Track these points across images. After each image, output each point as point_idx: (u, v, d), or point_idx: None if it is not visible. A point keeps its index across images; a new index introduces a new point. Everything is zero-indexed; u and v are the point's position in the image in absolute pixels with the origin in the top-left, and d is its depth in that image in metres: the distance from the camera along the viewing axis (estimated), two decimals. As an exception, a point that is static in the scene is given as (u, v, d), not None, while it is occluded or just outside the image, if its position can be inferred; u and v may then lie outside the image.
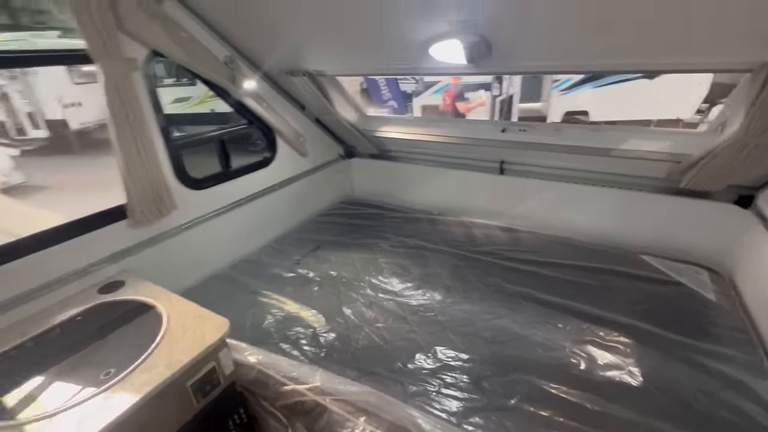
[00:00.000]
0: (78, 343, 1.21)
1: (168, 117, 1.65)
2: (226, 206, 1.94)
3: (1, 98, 7.61)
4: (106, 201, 1.53)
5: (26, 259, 1.32)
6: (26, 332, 1.23)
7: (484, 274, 1.83)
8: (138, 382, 1.04)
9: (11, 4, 11.40)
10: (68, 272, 1.42)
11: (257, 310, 1.65)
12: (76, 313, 1.32)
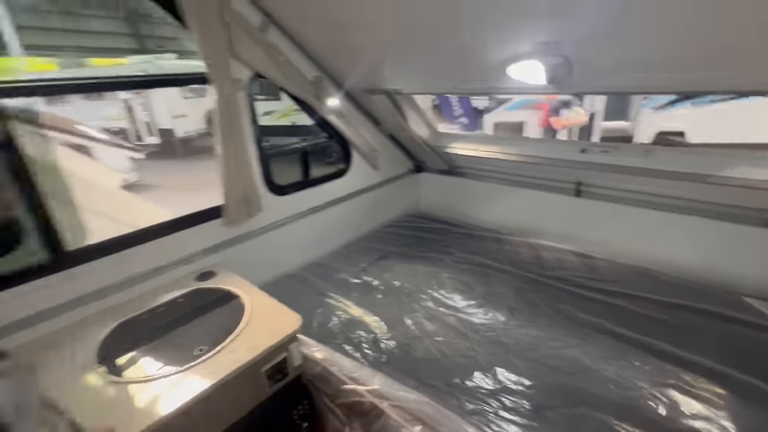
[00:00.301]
0: (178, 320, 1.41)
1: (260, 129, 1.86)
2: (303, 212, 2.11)
3: (128, 110, 9.06)
4: (201, 200, 1.77)
5: (145, 245, 1.58)
6: (141, 307, 1.46)
7: (553, 299, 1.75)
8: (224, 360, 1.18)
9: (140, 32, 13.60)
10: (174, 260, 1.66)
11: (324, 310, 1.76)
12: (179, 295, 1.54)
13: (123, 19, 13.02)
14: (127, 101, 9.12)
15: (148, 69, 8.01)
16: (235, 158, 1.68)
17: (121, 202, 2.20)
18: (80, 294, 1.41)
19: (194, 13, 1.42)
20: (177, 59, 10.44)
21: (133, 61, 9.28)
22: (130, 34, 13.37)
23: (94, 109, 9.19)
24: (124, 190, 2.50)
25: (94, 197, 1.99)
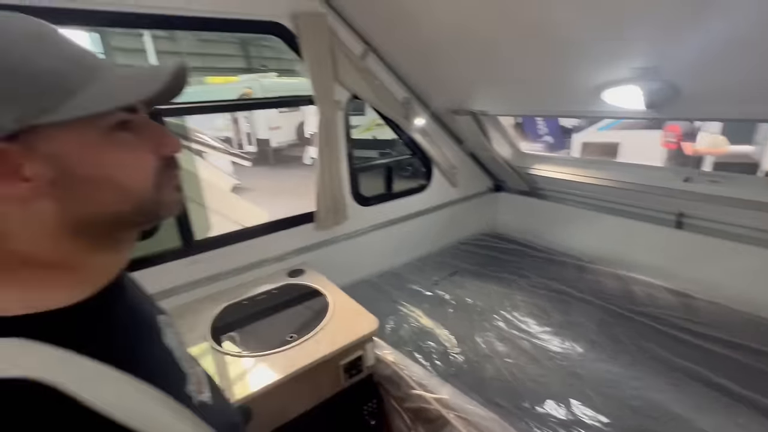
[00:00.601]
0: (273, 309, 1.62)
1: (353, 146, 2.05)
2: (383, 223, 2.26)
3: (234, 122, 10.35)
4: (288, 203, 1.99)
5: (249, 242, 1.84)
6: (244, 293, 1.70)
7: (639, 336, 1.62)
8: (310, 348, 1.33)
9: (249, 54, 15.47)
10: (271, 257, 1.90)
11: (396, 318, 1.85)
12: (273, 287, 1.76)
13: (237, 43, 14.96)
14: (234, 114, 10.41)
15: (254, 86, 9.10)
16: (329, 170, 1.88)
17: (230, 203, 2.57)
18: (201, 277, 1.69)
19: (310, 46, 1.66)
20: (277, 77, 11.69)
21: (243, 79, 10.61)
22: (241, 55, 15.32)
23: (207, 119, 10.65)
24: (232, 192, 2.91)
25: (213, 197, 2.37)
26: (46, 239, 0.41)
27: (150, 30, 1.61)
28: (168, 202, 0.48)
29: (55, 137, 0.38)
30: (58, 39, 0.40)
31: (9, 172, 0.37)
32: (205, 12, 1.47)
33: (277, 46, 15.41)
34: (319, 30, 1.67)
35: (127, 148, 0.43)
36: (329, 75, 1.76)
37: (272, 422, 1.27)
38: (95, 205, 0.42)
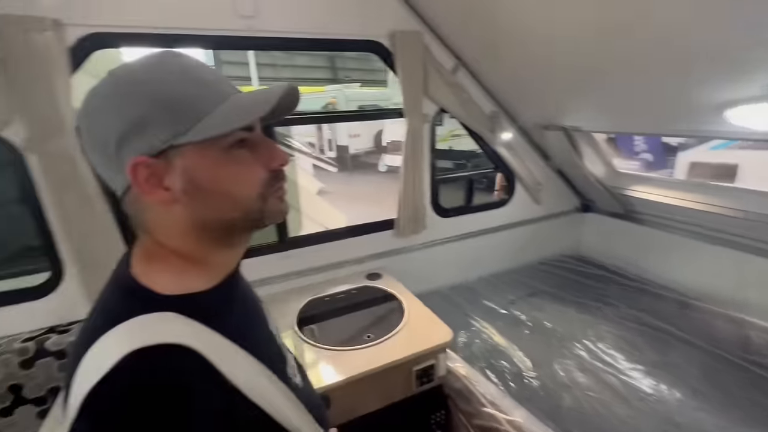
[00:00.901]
0: (351, 307, 1.72)
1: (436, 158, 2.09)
2: (460, 235, 2.25)
3: (318, 128, 11.07)
4: (366, 210, 2.07)
5: (332, 243, 1.97)
6: (325, 290, 1.83)
7: (754, 389, 1.41)
8: (386, 349, 1.39)
9: (335, 65, 16.45)
10: (351, 258, 2.02)
11: (469, 332, 1.84)
12: (352, 288, 1.86)
13: (324, 55, 16.01)
14: (318, 121, 11.12)
15: (338, 96, 9.67)
16: (413, 180, 1.94)
17: (315, 205, 2.77)
18: (290, 271, 1.86)
19: (404, 62, 1.75)
20: (359, 88, 12.26)
21: (328, 89, 11.32)
22: (328, 66, 16.37)
23: (294, 126, 11.53)
24: (317, 195, 3.14)
25: (303, 199, 2.58)
26: (179, 236, 0.49)
27: (264, 50, 1.84)
28: (272, 212, 0.53)
29: (186, 154, 0.46)
30: (198, 71, 0.47)
31: (155, 183, 0.46)
32: (314, 34, 1.64)
33: (361, 57, 16.22)
34: (414, 47, 1.75)
35: (241, 163, 0.49)
36: (419, 89, 1.83)
37: (344, 415, 1.35)
38: (213, 212, 0.49)
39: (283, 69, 15.12)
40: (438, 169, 2.12)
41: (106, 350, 0.40)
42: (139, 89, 0.44)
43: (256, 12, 1.50)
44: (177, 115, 0.44)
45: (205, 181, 0.47)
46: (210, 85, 0.47)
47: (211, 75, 0.48)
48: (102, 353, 0.40)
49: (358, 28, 1.71)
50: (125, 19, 1.35)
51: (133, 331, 0.42)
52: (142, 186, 0.45)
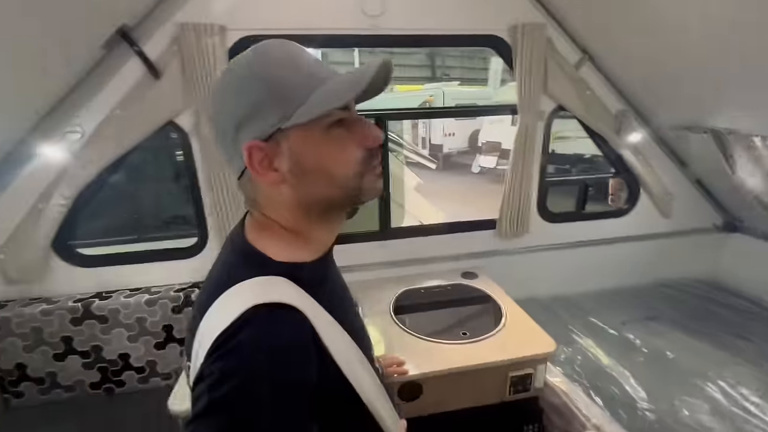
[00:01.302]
0: (446, 303, 1.72)
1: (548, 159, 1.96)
2: (567, 243, 2.09)
3: (413, 126, 11.21)
4: (456, 209, 2.02)
5: (429, 237, 1.99)
6: (420, 283, 1.86)
7: None
8: (483, 349, 1.36)
9: (434, 63, 16.42)
10: (446, 255, 2.01)
11: (571, 348, 1.70)
12: (447, 284, 1.86)
13: (424, 53, 16.09)
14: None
15: (436, 94, 9.65)
16: (519, 180, 1.86)
17: (413, 199, 2.83)
18: (388, 260, 1.94)
19: (523, 56, 1.67)
20: (458, 86, 12.06)
21: (426, 87, 11.37)
22: (427, 65, 16.43)
23: (392, 123, 11.82)
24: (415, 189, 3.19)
25: (400, 192, 2.66)
26: (286, 212, 0.53)
27: (386, 48, 1.92)
28: (368, 189, 0.54)
29: (291, 137, 0.49)
30: (302, 58, 0.50)
31: (267, 165, 0.50)
32: (435, 30, 1.67)
33: (462, 55, 15.92)
34: (536, 40, 1.67)
35: (339, 142, 0.50)
36: (538, 85, 1.73)
37: (435, 406, 1.36)
38: (315, 190, 0.52)
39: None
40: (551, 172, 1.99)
41: (230, 304, 0.45)
42: (251, 79, 0.47)
43: (383, 11, 1.59)
44: (283, 100, 0.47)
45: (308, 161, 0.50)
46: (311, 70, 0.49)
47: (312, 61, 0.50)
48: (226, 307, 0.45)
49: (477, 23, 1.69)
50: (272, 23, 1.55)
51: (253, 288, 0.47)
52: (255, 167, 0.49)
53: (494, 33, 1.71)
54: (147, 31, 1.47)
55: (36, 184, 1.51)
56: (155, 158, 2.86)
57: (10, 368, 1.59)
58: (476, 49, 14.79)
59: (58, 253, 1.64)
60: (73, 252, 1.68)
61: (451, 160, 11.11)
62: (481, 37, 1.71)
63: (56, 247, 1.63)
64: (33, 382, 1.63)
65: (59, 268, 1.66)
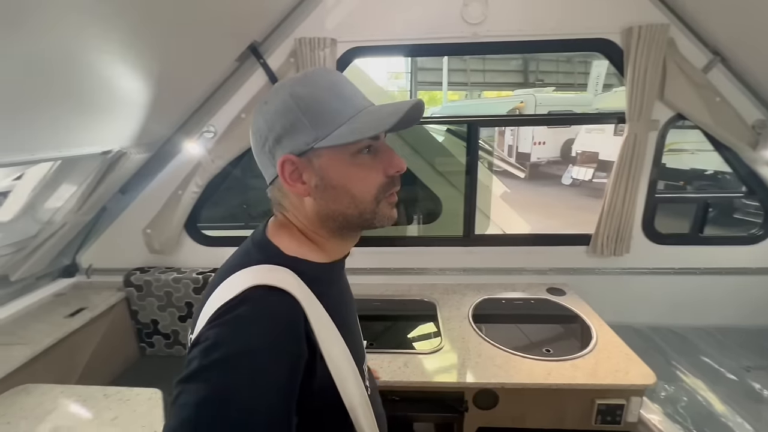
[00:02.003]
0: (528, 317, 1.66)
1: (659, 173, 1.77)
2: (677, 269, 1.85)
3: (500, 134, 10.82)
4: (540, 222, 1.89)
5: (513, 248, 1.92)
6: (500, 292, 1.82)
7: None
8: (567, 369, 1.29)
9: (527, 68, 15.62)
10: (532, 267, 1.93)
11: (674, 387, 1.51)
12: (530, 297, 1.79)
13: (517, 59, 15.38)
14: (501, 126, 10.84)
15: (528, 100, 9.19)
16: (623, 195, 1.71)
17: (497, 208, 2.76)
18: (470, 266, 1.93)
19: (638, 59, 1.54)
20: (553, 92, 11.31)
21: (517, 93, 10.89)
22: (519, 71, 15.69)
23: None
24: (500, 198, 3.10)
25: (485, 199, 2.61)
26: (306, 220, 0.59)
27: (488, 54, 1.89)
28: (382, 215, 0.58)
29: (322, 156, 0.54)
30: (343, 86, 0.55)
31: (296, 177, 0.55)
32: (538, 36, 1.63)
33: (560, 60, 14.90)
34: (655, 42, 1.52)
35: (364, 167, 0.55)
36: (653, 91, 1.58)
37: (512, 420, 1.32)
38: (335, 206, 0.56)
39: (472, 74, 15.36)
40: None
41: (234, 284, 0.50)
42: (295, 101, 0.53)
43: (484, 18, 1.60)
44: (320, 123, 0.52)
45: (333, 179, 0.55)
46: (349, 99, 0.54)
47: (351, 90, 0.56)
48: (231, 285, 0.50)
49: (585, 27, 1.60)
50: (377, 35, 1.66)
51: (256, 273, 0.51)
52: (286, 178, 0.55)
53: (604, 36, 1.60)
54: (271, 46, 1.70)
55: (178, 173, 1.84)
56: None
57: (147, 322, 1.95)
58: (575, 53, 13.77)
59: (188, 233, 1.97)
60: (199, 233, 2.00)
61: (539, 169, 10.47)
62: (589, 41, 1.62)
63: (187, 227, 1.95)
64: (162, 336, 1.97)
65: (188, 244, 1.98)
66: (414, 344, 1.52)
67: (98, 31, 1.06)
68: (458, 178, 2.31)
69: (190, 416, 0.39)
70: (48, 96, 1.12)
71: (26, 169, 1.72)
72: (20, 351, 1.38)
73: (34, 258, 1.65)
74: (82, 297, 1.84)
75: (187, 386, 0.41)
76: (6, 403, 1.22)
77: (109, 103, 1.34)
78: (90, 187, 1.63)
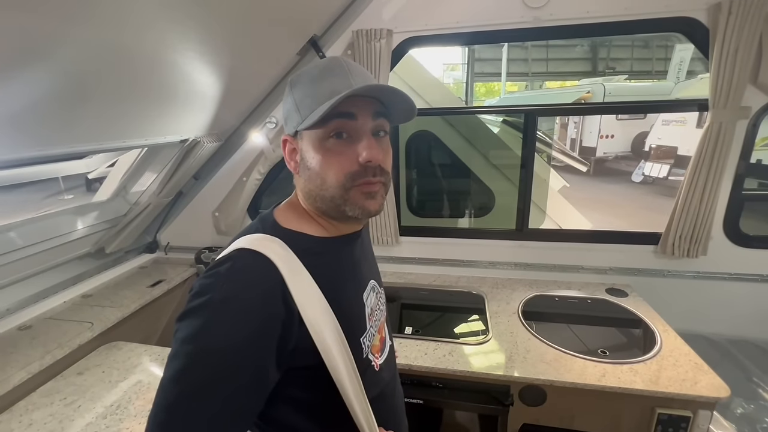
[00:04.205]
0: (583, 317, 1.58)
1: (749, 166, 1.57)
2: (763, 275, 1.64)
3: (563, 127, 10.18)
4: (603, 221, 1.75)
5: (569, 244, 1.82)
6: (554, 290, 1.74)
7: None
8: (624, 374, 1.21)
9: (596, 56, 14.43)
10: (590, 266, 1.82)
11: (753, 405, 1.35)
12: (587, 297, 1.69)
13: (585, 45, 14.25)
14: (564, 118, 10.20)
15: (595, 90, 8.52)
16: (701, 190, 1.55)
17: (556, 202, 2.62)
18: (522, 261, 1.87)
19: (727, 39, 1.38)
20: (625, 80, 10.36)
21: (583, 83, 10.13)
22: (587, 58, 14.53)
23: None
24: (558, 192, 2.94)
25: (542, 193, 2.50)
26: (302, 196, 0.64)
27: (554, 39, 1.78)
28: (354, 204, 0.59)
29: (303, 138, 0.60)
30: (331, 73, 0.57)
31: (291, 156, 0.63)
32: (606, 17, 1.51)
33: (636, 45, 13.57)
34: (750, 17, 1.34)
35: (333, 153, 0.57)
36: (744, 74, 1.40)
37: (560, 420, 1.28)
38: (311, 187, 0.60)
39: (534, 63, 14.52)
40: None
41: (229, 247, 0.58)
42: (291, 88, 0.60)
43: (547, 2, 1.52)
44: (302, 108, 0.58)
45: (307, 160, 0.60)
46: (332, 85, 0.56)
47: (341, 76, 0.57)
48: (226, 248, 0.58)
49: (665, 4, 1.46)
50: (434, 23, 1.65)
51: (247, 240, 0.57)
52: (286, 156, 0.64)
53: (687, 14, 1.45)
54: (330, 39, 1.76)
55: (243, 161, 1.99)
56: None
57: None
58: (654, 36, 12.46)
59: (250, 216, 2.12)
60: (260, 216, 2.15)
61: (605, 165, 9.71)
62: (668, 20, 1.47)
63: (250, 211, 2.11)
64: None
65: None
66: (460, 335, 1.52)
67: (176, 30, 1.18)
68: (513, 172, 2.24)
69: (176, 350, 0.49)
70: (135, 90, 1.27)
71: (118, 157, 1.97)
72: (112, 313, 1.60)
73: (123, 234, 1.89)
74: (161, 270, 2.07)
75: (179, 324, 0.51)
76: (102, 354, 1.43)
77: (186, 96, 1.49)
78: (169, 172, 1.82)
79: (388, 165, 0.61)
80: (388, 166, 0.61)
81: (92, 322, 1.51)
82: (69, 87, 1.07)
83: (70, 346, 1.38)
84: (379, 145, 0.59)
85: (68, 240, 1.69)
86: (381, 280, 0.80)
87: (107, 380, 1.28)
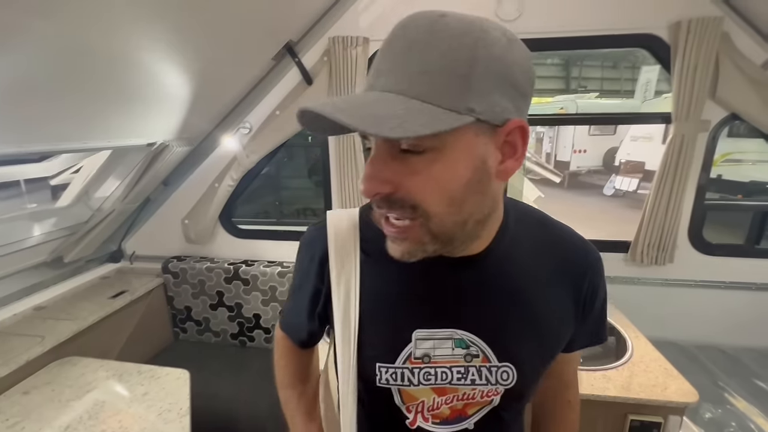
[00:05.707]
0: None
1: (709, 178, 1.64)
2: (728, 283, 1.70)
3: (538, 141, 10.50)
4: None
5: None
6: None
7: None
8: (596, 380, 1.21)
9: (569, 74, 15.07)
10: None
11: (721, 410, 1.38)
12: (562, 304, 1.71)
13: (559, 64, 14.87)
14: (540, 133, 10.54)
15: (568, 106, 8.86)
16: (667, 199, 1.60)
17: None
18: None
19: (687, 56, 1.45)
20: (596, 98, 10.83)
21: (556, 99, 10.50)
22: (560, 76, 15.14)
23: (512, 137, 11.25)
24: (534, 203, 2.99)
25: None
26: None
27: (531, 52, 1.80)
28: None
29: None
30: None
31: None
32: (576, 32, 1.56)
33: (605, 65, 14.26)
34: (708, 36, 1.42)
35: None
36: (703, 89, 1.47)
37: (534, 430, 1.26)
38: None
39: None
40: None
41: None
42: None
43: (519, 14, 1.56)
44: None
45: None
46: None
47: (373, 72, 0.44)
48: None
49: (628, 22, 1.52)
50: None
51: (339, 209, 0.65)
52: None
53: (650, 32, 1.52)
54: (306, 45, 1.75)
55: (215, 167, 1.93)
56: (291, 158, 3.32)
57: (181, 308, 2.05)
58: (622, 57, 13.09)
59: (222, 224, 2.05)
60: (233, 225, 2.08)
61: (578, 179, 10.03)
62: (633, 36, 1.54)
63: (221, 219, 2.04)
64: (194, 323, 2.06)
65: (221, 236, 2.07)
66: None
67: (144, 29, 1.14)
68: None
69: None
70: (99, 89, 1.21)
71: (83, 162, 1.88)
72: (67, 326, 1.49)
73: (84, 242, 1.79)
74: (125, 281, 1.96)
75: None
76: (53, 371, 1.32)
77: (154, 97, 1.43)
78: (135, 177, 1.74)
79: (414, 192, 0.41)
80: (414, 193, 0.41)
81: (43, 335, 1.40)
82: (27, 83, 1.01)
83: (17, 362, 1.27)
84: (386, 166, 0.41)
85: (21, 248, 1.58)
86: (509, 350, 0.54)
87: (57, 399, 1.19)
